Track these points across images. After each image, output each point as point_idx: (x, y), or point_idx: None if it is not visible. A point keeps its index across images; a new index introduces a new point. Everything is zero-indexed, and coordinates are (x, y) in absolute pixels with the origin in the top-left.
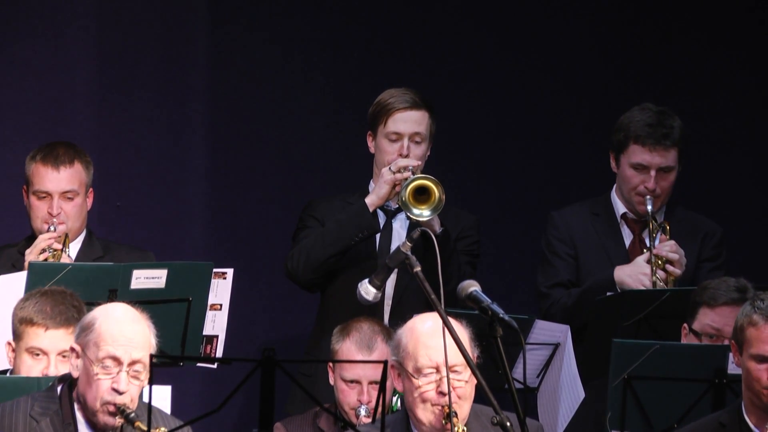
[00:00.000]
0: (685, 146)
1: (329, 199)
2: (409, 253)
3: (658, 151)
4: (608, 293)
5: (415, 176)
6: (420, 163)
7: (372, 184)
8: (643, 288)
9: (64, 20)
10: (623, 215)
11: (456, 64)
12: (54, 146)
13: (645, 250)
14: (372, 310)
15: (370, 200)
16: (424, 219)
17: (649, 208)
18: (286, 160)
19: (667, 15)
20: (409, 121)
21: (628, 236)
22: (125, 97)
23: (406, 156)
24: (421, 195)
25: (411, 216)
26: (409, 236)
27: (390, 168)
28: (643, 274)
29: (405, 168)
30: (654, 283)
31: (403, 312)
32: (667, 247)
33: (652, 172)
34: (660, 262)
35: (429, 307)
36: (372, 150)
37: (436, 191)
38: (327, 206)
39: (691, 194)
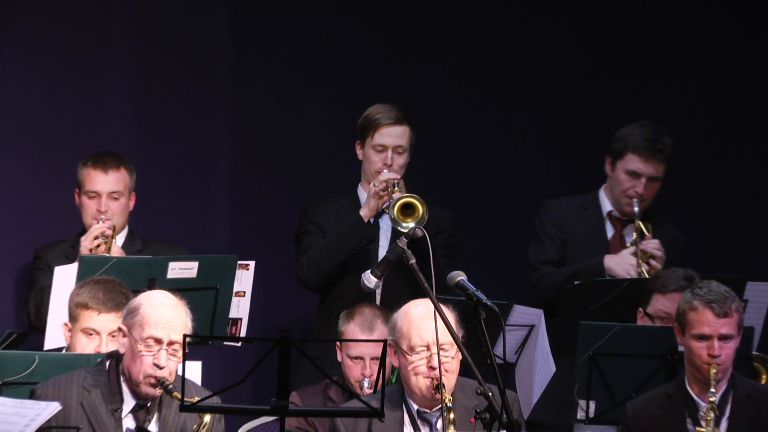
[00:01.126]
0: (672, 162)
1: (323, 203)
2: (405, 247)
3: (651, 163)
4: (575, 282)
5: (402, 195)
6: (398, 176)
7: (360, 188)
8: (628, 276)
9: (106, 48)
10: (609, 213)
11: (448, 75)
12: (103, 154)
13: (629, 245)
14: (369, 298)
15: (364, 213)
16: (408, 230)
17: (636, 209)
18: (299, 168)
19: (649, 27)
20: (393, 135)
21: (610, 231)
22: (159, 114)
23: (390, 165)
24: (407, 210)
25: (400, 229)
26: (405, 233)
27: (375, 183)
28: (630, 264)
29: (388, 181)
30: (639, 274)
31: (391, 301)
32: (653, 244)
33: (643, 180)
34: (645, 257)
35: (412, 297)
36: (360, 157)
37: (419, 207)
38: (322, 210)
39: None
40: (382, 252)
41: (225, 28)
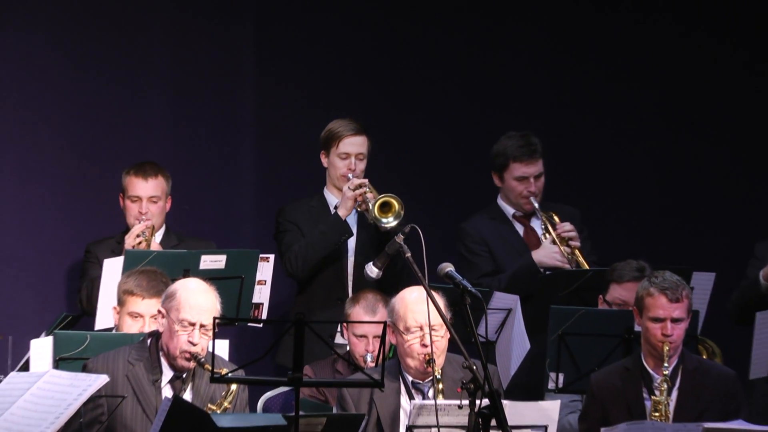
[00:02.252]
0: (545, 155)
1: (295, 205)
2: (402, 243)
3: (531, 164)
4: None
5: (379, 196)
6: (366, 180)
7: (326, 190)
8: (558, 262)
9: (146, 70)
10: (513, 215)
11: (397, 104)
12: (143, 164)
13: (543, 236)
14: (343, 285)
15: (342, 213)
16: (392, 225)
17: (536, 205)
18: (314, 176)
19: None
20: (355, 144)
21: (520, 229)
22: (191, 126)
23: (353, 170)
24: (385, 207)
25: (381, 225)
26: (402, 230)
27: (349, 187)
28: (554, 252)
29: (360, 185)
30: (565, 255)
31: (360, 286)
32: (566, 227)
33: (531, 179)
34: (563, 241)
35: (379, 284)
36: (325, 164)
37: (395, 204)
38: (296, 210)
39: (561, 191)
40: (351, 245)
41: (250, 53)
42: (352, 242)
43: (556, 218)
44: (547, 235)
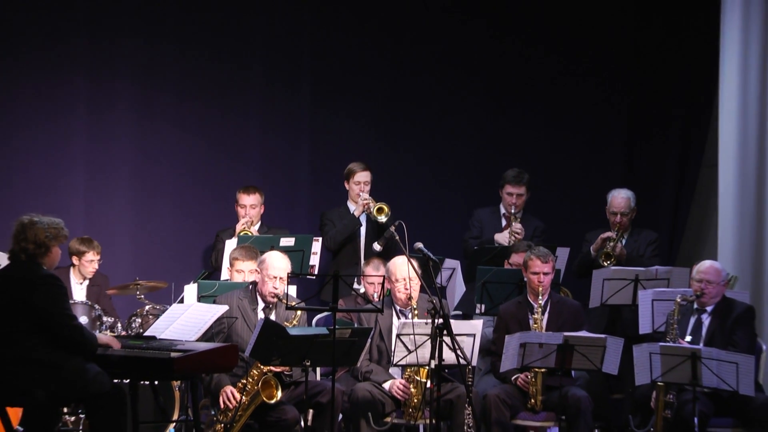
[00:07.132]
0: (530, 184)
1: (330, 210)
2: (393, 231)
3: (517, 186)
4: (475, 247)
5: (376, 204)
6: (369, 196)
7: (348, 202)
8: (504, 241)
9: (243, 129)
10: (503, 214)
11: (402, 129)
12: (248, 186)
13: (506, 226)
14: (357, 254)
15: (356, 214)
16: (384, 221)
17: (513, 210)
18: (342, 194)
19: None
20: (363, 176)
21: (503, 224)
22: (273, 162)
23: (363, 191)
24: (379, 210)
25: (378, 221)
26: (393, 224)
27: (360, 200)
28: (506, 236)
29: (366, 199)
30: (510, 240)
31: (367, 255)
32: (517, 227)
33: (515, 196)
34: (512, 232)
35: (378, 255)
36: (347, 188)
37: (386, 208)
38: (331, 213)
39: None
40: (362, 231)
41: (306, 110)
42: (362, 230)
43: (516, 221)
44: (509, 227)
